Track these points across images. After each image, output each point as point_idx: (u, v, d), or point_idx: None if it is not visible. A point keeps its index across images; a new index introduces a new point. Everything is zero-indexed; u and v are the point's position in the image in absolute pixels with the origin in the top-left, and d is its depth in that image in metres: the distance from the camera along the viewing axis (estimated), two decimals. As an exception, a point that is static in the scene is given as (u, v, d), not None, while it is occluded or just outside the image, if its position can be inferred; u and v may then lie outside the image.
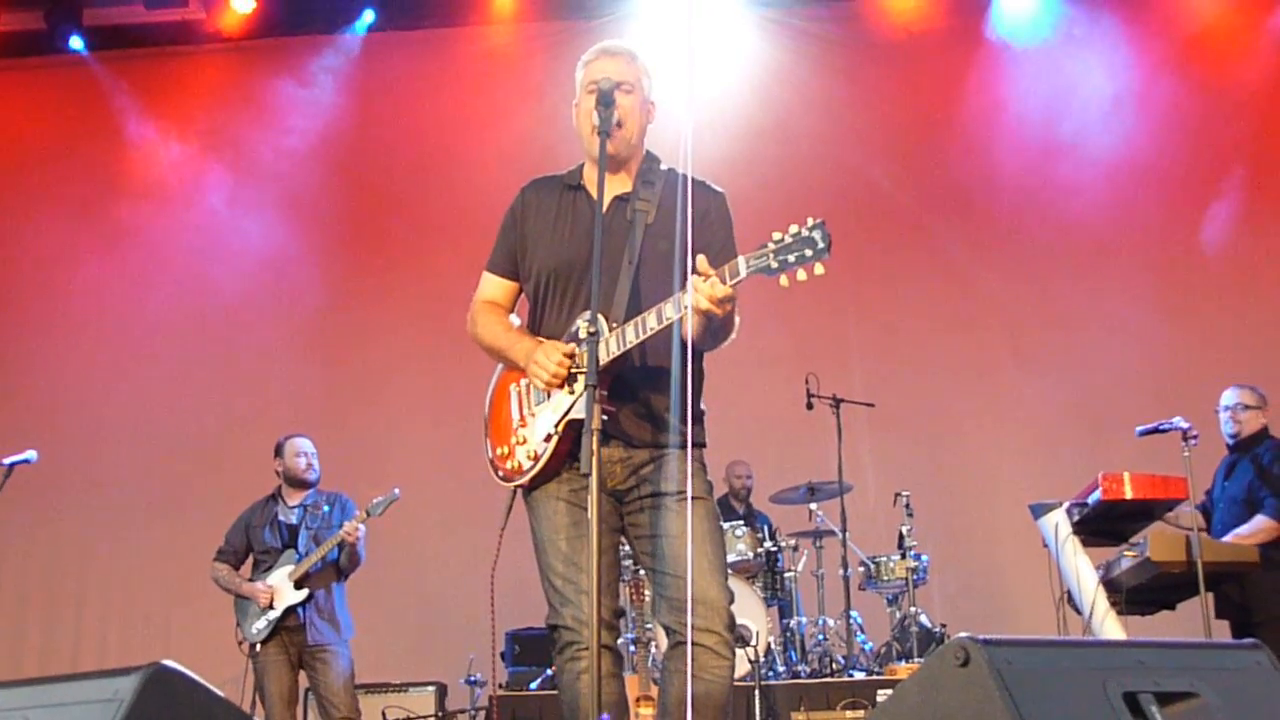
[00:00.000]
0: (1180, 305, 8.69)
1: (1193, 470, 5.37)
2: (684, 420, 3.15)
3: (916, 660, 6.63)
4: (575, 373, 3.07)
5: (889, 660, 6.93)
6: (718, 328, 3.09)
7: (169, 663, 2.25)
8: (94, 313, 9.34)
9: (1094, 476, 5.59)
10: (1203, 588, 5.21)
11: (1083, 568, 5.50)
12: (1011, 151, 8.83)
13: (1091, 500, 5.58)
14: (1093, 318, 8.74)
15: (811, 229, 2.80)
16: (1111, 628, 5.37)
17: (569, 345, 3.10)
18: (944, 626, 7.05)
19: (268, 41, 9.56)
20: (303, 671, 6.15)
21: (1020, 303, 8.97)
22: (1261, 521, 5.59)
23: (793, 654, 7.04)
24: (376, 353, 9.17)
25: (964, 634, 2.08)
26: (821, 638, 7.18)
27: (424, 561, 8.62)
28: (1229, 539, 5.62)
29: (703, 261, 2.89)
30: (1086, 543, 5.66)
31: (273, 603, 6.04)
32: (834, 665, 6.91)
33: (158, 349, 9.30)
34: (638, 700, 5.40)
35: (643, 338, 3.01)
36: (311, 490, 6.36)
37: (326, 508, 6.29)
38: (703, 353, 3.27)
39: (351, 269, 9.52)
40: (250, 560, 6.34)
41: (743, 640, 6.25)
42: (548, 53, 8.87)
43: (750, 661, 6.16)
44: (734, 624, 3.09)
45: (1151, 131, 8.77)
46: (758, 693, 6.04)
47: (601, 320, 2.98)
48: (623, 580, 5.71)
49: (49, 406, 9.08)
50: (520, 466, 3.21)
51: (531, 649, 7.33)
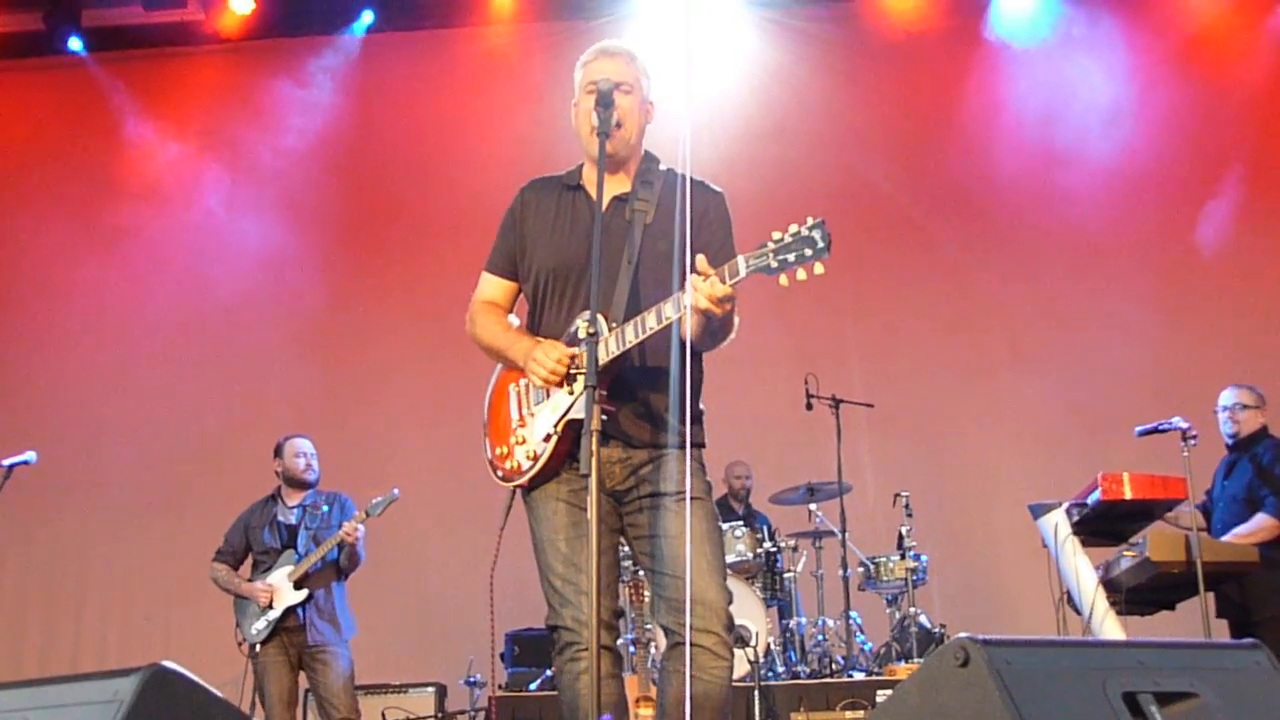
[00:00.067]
0: (1179, 305, 8.69)
1: (1192, 470, 5.38)
2: (683, 420, 3.15)
3: (916, 661, 6.62)
4: (574, 372, 3.07)
5: (888, 661, 6.92)
6: (717, 328, 3.09)
7: (168, 664, 2.25)
8: (93, 313, 9.33)
9: (1093, 477, 5.59)
10: (1202, 588, 5.21)
11: (1082, 568, 5.51)
12: (1011, 152, 8.82)
13: (1091, 500, 5.59)
14: (1092, 318, 8.73)
15: (811, 228, 2.80)
16: (1111, 628, 5.38)
17: (569, 347, 3.11)
18: (943, 627, 7.04)
19: (266, 42, 9.56)
20: (302, 672, 6.15)
21: (1020, 303, 8.97)
22: (1262, 520, 5.60)
23: (792, 654, 7.03)
24: (376, 353, 9.16)
25: (963, 634, 2.08)
26: (821, 638, 7.18)
27: (423, 562, 8.62)
28: (1229, 538, 5.63)
29: (702, 261, 2.89)
30: (1086, 543, 5.66)
31: (272, 603, 6.05)
32: (833, 666, 6.91)
33: (157, 349, 9.30)
34: (637, 701, 5.39)
35: (642, 338, 3.01)
36: (311, 490, 6.36)
37: (326, 508, 6.29)
38: (702, 353, 3.26)
39: (350, 269, 9.51)
40: (250, 560, 6.34)
41: (742, 641, 6.25)
42: (546, 53, 8.87)
43: (750, 662, 6.16)
44: (732, 624, 3.08)
45: (1150, 131, 8.77)
46: (757, 693, 6.04)
47: (601, 320, 2.97)
48: (622, 581, 5.71)
49: (48, 407, 9.07)
50: (519, 466, 3.21)
51: (531, 650, 7.33)
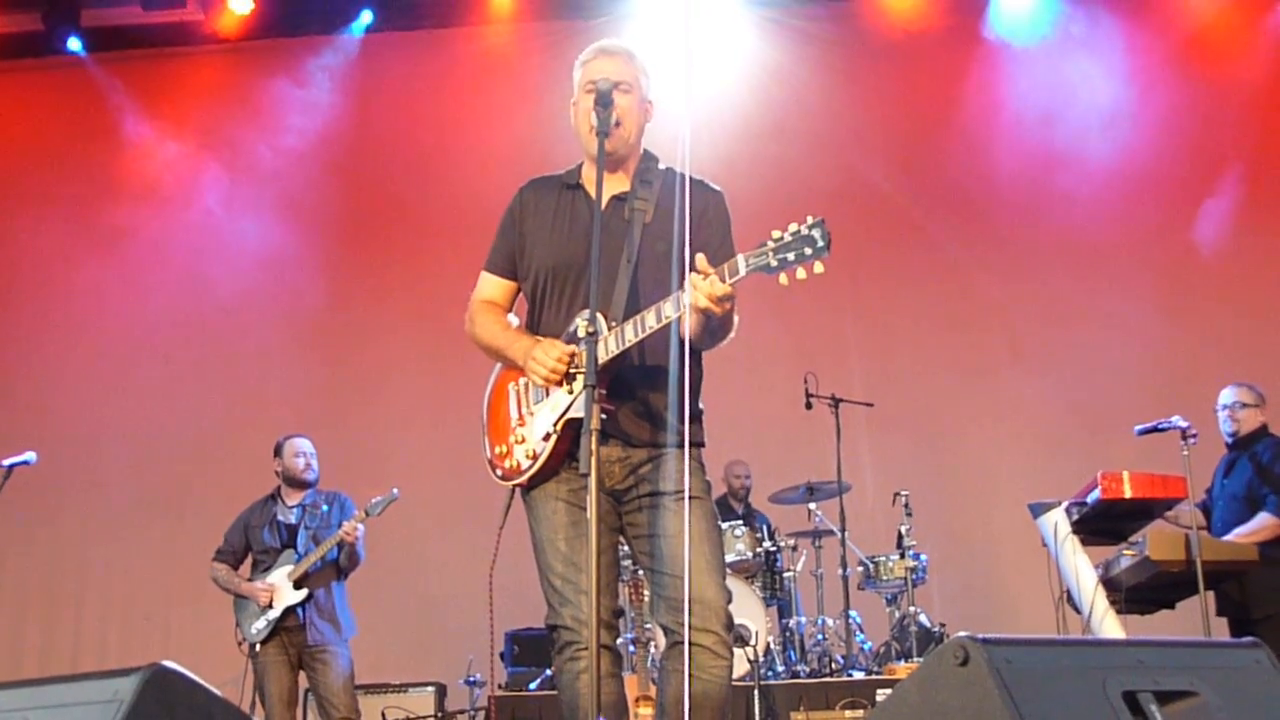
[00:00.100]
0: (1179, 304, 8.69)
1: (1191, 469, 5.38)
2: (682, 419, 3.15)
3: (916, 660, 6.62)
4: (574, 371, 3.07)
5: (888, 660, 6.92)
6: (716, 326, 3.08)
7: (168, 663, 2.25)
8: (93, 313, 9.33)
9: (1093, 475, 5.59)
10: (1202, 587, 5.21)
11: (1082, 567, 5.51)
12: (1010, 151, 8.82)
13: (1090, 499, 5.59)
14: (1092, 317, 8.73)
15: (811, 227, 2.80)
16: (1111, 627, 5.38)
17: (568, 345, 3.11)
18: (943, 626, 7.04)
19: (265, 42, 9.56)
20: (302, 672, 6.15)
21: (1019, 302, 8.96)
22: (1265, 519, 5.59)
23: (792, 654, 7.03)
24: (375, 352, 9.17)
25: (963, 633, 2.08)
26: (820, 637, 7.18)
27: (423, 561, 8.62)
28: (1231, 537, 5.62)
29: (702, 260, 2.89)
30: (1085, 542, 5.66)
31: (272, 602, 6.05)
32: (833, 665, 6.90)
33: (156, 349, 9.30)
34: (637, 700, 5.39)
35: (641, 336, 3.00)
36: (310, 490, 6.36)
37: (325, 507, 6.29)
38: (701, 352, 3.26)
39: (350, 269, 9.51)
40: (249, 560, 6.34)
41: (742, 640, 6.24)
42: (545, 53, 8.86)
43: (749, 661, 6.16)
44: (732, 624, 3.08)
45: (1150, 130, 8.77)
46: (757, 692, 6.03)
47: (600, 319, 2.97)
48: (622, 580, 5.70)
49: (48, 407, 9.07)
50: (519, 465, 3.21)
51: (531, 649, 7.34)
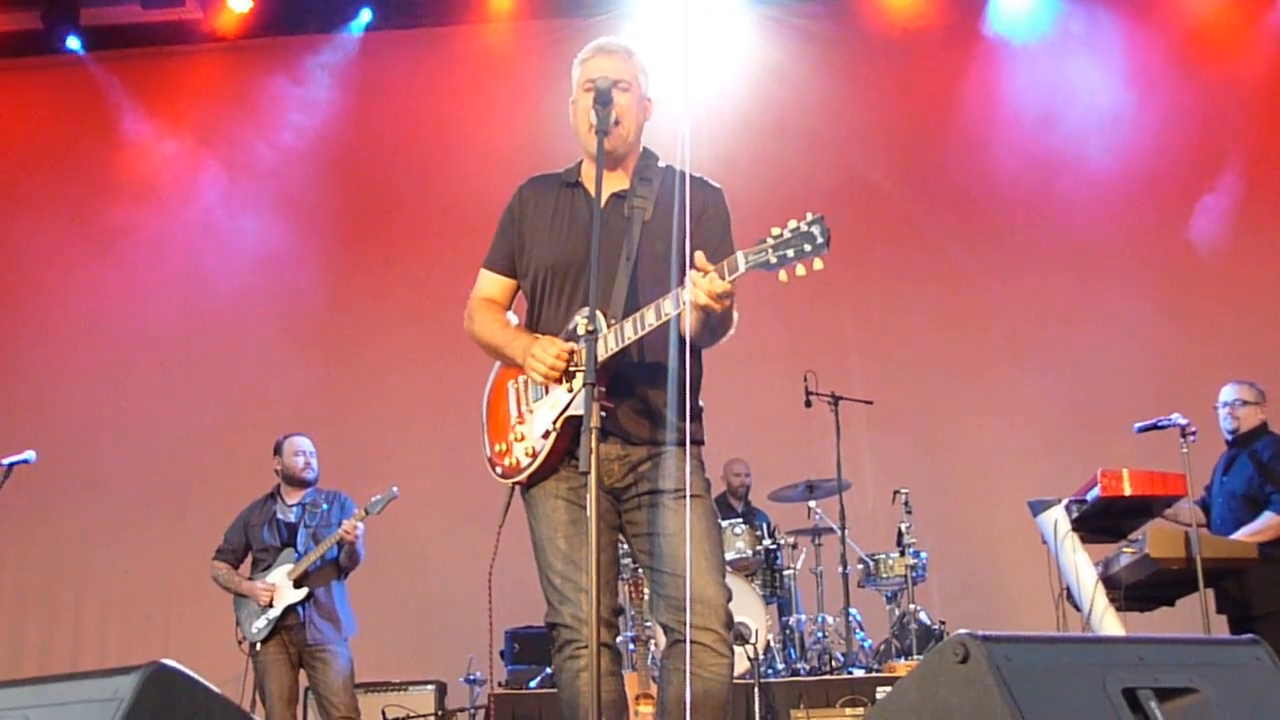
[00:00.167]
0: (1179, 302, 8.69)
1: (1191, 466, 5.38)
2: (682, 417, 3.15)
3: (916, 657, 6.62)
4: (573, 369, 3.07)
5: (888, 657, 6.92)
6: (716, 323, 3.08)
7: (169, 662, 2.25)
8: (92, 312, 9.33)
9: (1093, 473, 5.59)
10: (1201, 584, 5.20)
11: (1082, 564, 5.50)
12: (1009, 149, 8.82)
13: (1090, 497, 5.58)
14: (1091, 314, 8.72)
15: (810, 224, 2.80)
16: (1111, 624, 5.38)
17: (567, 343, 3.11)
18: (943, 623, 7.04)
19: (265, 41, 9.56)
20: (302, 670, 6.15)
21: (1018, 299, 8.96)
22: (1270, 518, 5.58)
23: (792, 652, 7.03)
24: (375, 351, 9.16)
25: (963, 630, 2.08)
26: (821, 635, 7.17)
27: (423, 560, 8.61)
28: (1237, 535, 5.61)
29: (701, 257, 2.89)
30: (1085, 539, 5.66)
31: (272, 601, 6.05)
32: (833, 663, 6.90)
33: (155, 348, 9.30)
34: (637, 698, 5.39)
35: (641, 334, 3.00)
36: (310, 489, 6.36)
37: (325, 506, 6.30)
38: (701, 349, 3.26)
39: (349, 267, 9.51)
40: (249, 559, 6.34)
41: (742, 638, 6.24)
42: (545, 51, 8.87)
43: (749, 659, 6.15)
44: (732, 622, 3.08)
45: (1150, 128, 8.76)
46: (757, 690, 6.03)
47: (599, 317, 2.97)
48: (622, 578, 5.70)
49: (47, 407, 9.07)
50: (518, 463, 3.21)
51: (531, 647, 7.34)
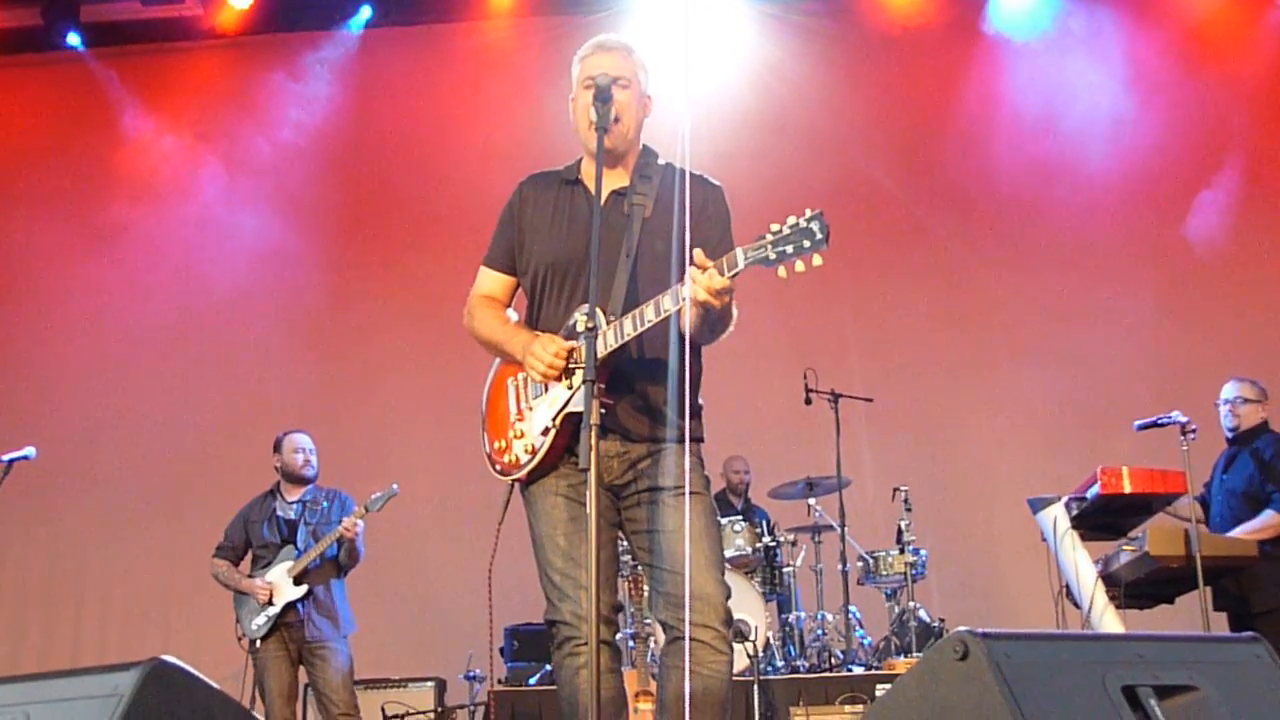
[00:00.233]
0: (1179, 299, 8.69)
1: (1191, 464, 5.38)
2: (681, 415, 3.15)
3: (915, 655, 6.62)
4: (573, 366, 3.07)
5: (888, 655, 6.92)
6: (715, 320, 3.08)
7: (169, 658, 2.25)
8: (91, 309, 9.32)
9: (1092, 471, 5.59)
10: (1201, 582, 5.21)
11: (1081, 562, 5.51)
12: (1009, 146, 8.82)
13: (1090, 494, 5.58)
14: (1091, 312, 8.72)
15: (809, 220, 2.80)
16: (1110, 622, 5.38)
17: (567, 340, 3.10)
18: (943, 621, 7.04)
19: (264, 37, 9.55)
20: (302, 667, 6.16)
21: (1018, 297, 8.96)
22: (1271, 517, 5.58)
23: (791, 649, 7.04)
24: (374, 348, 9.16)
25: (963, 628, 2.08)
26: (820, 633, 7.18)
27: (423, 557, 8.61)
28: (1237, 533, 5.61)
29: (700, 254, 2.89)
30: (1085, 537, 5.66)
31: (272, 599, 6.05)
32: (833, 660, 6.90)
33: (155, 345, 9.29)
34: (636, 695, 5.39)
35: (640, 330, 3.00)
36: (310, 486, 6.36)
37: (325, 503, 6.30)
38: (700, 346, 3.26)
39: (349, 265, 9.50)
40: (249, 556, 6.35)
41: (741, 635, 6.24)
42: (544, 48, 8.87)
43: (749, 657, 6.15)
44: (731, 619, 3.08)
45: (1149, 125, 8.75)
46: (756, 688, 6.03)
47: (599, 314, 2.97)
48: (621, 576, 5.69)
49: (46, 405, 9.07)
50: (518, 460, 3.21)
51: (530, 644, 7.35)
